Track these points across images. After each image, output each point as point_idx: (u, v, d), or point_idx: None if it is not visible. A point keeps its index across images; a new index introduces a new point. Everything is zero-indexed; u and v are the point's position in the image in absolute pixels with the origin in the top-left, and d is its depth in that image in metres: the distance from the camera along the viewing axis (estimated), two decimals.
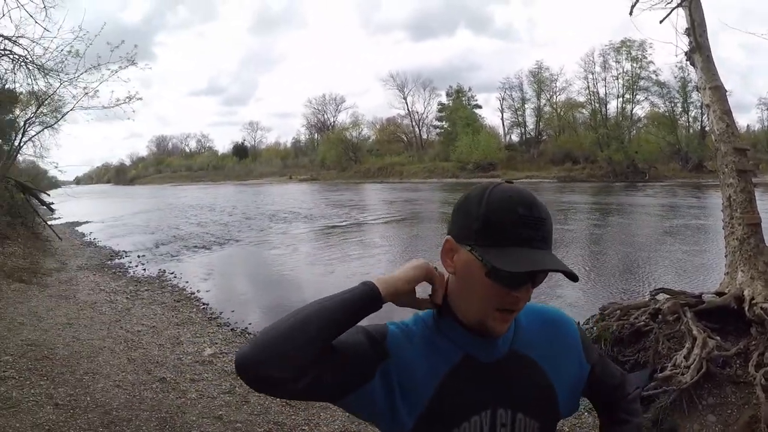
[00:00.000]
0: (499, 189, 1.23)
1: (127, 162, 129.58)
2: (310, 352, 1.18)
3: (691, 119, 63.86)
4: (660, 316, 6.54)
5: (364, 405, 1.27)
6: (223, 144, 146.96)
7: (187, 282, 13.24)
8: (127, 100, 16.76)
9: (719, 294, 6.67)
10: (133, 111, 17.16)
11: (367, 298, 1.25)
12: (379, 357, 1.27)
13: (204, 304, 11.01)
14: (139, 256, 17.16)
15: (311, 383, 1.18)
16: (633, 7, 8.13)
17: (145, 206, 42.18)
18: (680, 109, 64.27)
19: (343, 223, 24.92)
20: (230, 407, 5.78)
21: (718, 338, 5.98)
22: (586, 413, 5.54)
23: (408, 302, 1.31)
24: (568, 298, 10.32)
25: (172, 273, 14.40)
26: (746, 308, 6.15)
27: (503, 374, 1.30)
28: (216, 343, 8.10)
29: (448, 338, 1.31)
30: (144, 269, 15.02)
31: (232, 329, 9.07)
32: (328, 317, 1.21)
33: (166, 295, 11.62)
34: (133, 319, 9.17)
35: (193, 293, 11.98)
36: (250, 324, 9.42)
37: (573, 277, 1.19)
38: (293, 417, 5.60)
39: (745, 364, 5.63)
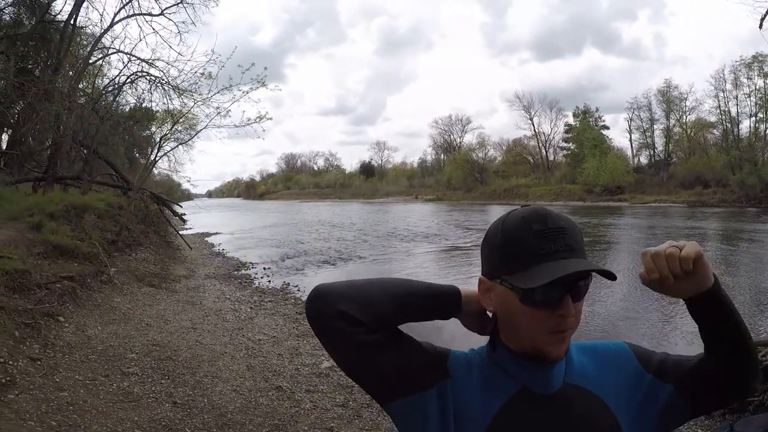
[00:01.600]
0: (513, 213, 1.22)
1: (257, 178, 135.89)
2: (389, 310, 1.20)
3: None
4: None
5: (414, 417, 1.22)
6: (350, 163, 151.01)
7: None
8: (258, 119, 17.36)
9: None
10: (263, 130, 17.77)
11: (449, 297, 1.27)
12: (441, 373, 1.24)
13: None
14: (264, 269, 17.62)
15: (382, 347, 1.19)
16: (762, 19, 7.69)
17: (273, 221, 43.67)
18: None
19: (467, 245, 24.64)
20: (342, 420, 5.79)
21: None
22: None
23: (474, 322, 1.32)
24: (690, 336, 9.64)
25: (295, 286, 14.65)
26: None
27: (561, 408, 1.21)
28: None
29: (503, 369, 1.25)
30: (269, 281, 15.39)
31: None
32: (409, 292, 1.24)
33: (289, 306, 11.81)
34: (255, 328, 9.40)
35: None
36: None
37: (610, 276, 1.12)
38: None
39: None
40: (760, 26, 7.81)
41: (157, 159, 19.31)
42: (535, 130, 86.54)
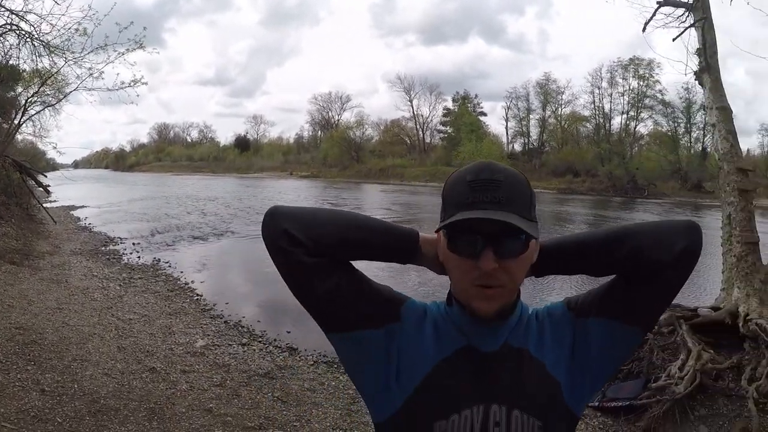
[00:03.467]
0: (459, 169, 1.26)
1: (128, 148, 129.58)
2: (333, 237, 1.23)
3: (692, 140, 65.77)
4: (656, 328, 6.55)
5: (357, 352, 1.28)
6: (225, 136, 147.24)
7: (181, 272, 13.18)
8: (132, 83, 16.51)
9: (714, 309, 6.80)
10: (137, 95, 16.84)
11: (407, 240, 1.30)
12: (391, 317, 1.28)
13: (198, 295, 10.96)
14: (134, 244, 17.10)
15: (320, 272, 1.23)
16: (646, 23, 8.26)
17: (143, 194, 42.02)
18: (683, 130, 66.19)
19: None
20: (221, 400, 5.74)
21: (712, 351, 6.11)
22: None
23: (433, 263, 1.32)
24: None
25: (166, 262, 14.35)
26: (740, 324, 6.30)
27: (499, 367, 1.23)
28: (208, 335, 8.09)
29: (454, 324, 1.28)
30: (138, 257, 14.97)
31: (225, 322, 9.04)
32: (365, 227, 1.28)
33: (160, 284, 11.58)
34: (125, 307, 9.13)
35: (187, 284, 11.92)
36: (243, 317, 9.41)
37: (522, 232, 1.13)
38: (284, 413, 5.59)
39: (738, 377, 5.77)
40: (644, 30, 8.32)
41: (21, 123, 18.08)
42: (414, 112, 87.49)
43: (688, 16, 7.91)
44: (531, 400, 1.21)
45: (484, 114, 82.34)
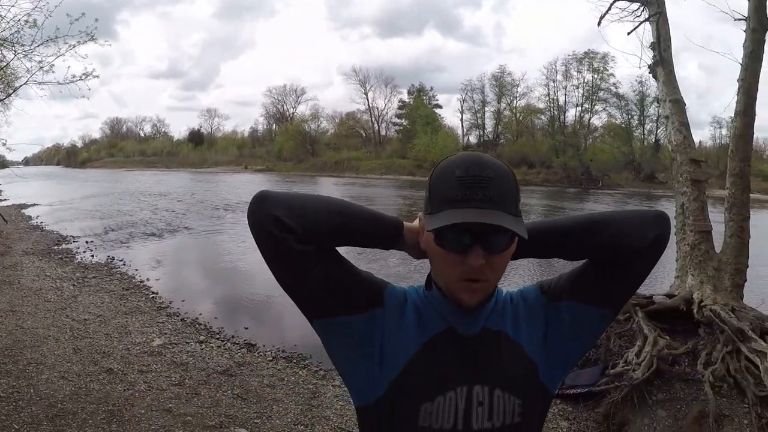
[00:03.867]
0: (450, 156, 1.25)
1: (79, 144, 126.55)
2: (324, 225, 1.22)
3: (646, 132, 67.83)
4: None
5: (342, 336, 1.28)
6: (179, 130, 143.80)
7: (136, 270, 12.94)
8: (84, 76, 16.06)
9: (669, 296, 7.01)
10: (89, 89, 16.36)
11: (392, 228, 1.32)
12: (375, 302, 1.29)
13: (153, 293, 10.76)
14: (87, 242, 16.73)
15: (310, 259, 1.22)
16: (602, 17, 8.41)
17: (96, 190, 41.08)
18: (636, 122, 68.16)
19: None
20: (180, 400, 5.67)
21: (668, 338, 6.28)
22: (563, 421, 5.66)
23: (415, 251, 1.34)
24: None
25: (121, 260, 14.05)
26: (695, 310, 6.50)
27: (480, 350, 1.27)
28: (165, 334, 7.96)
29: (434, 308, 1.29)
30: (92, 256, 14.66)
31: (182, 319, 8.90)
32: (356, 215, 1.27)
33: (115, 282, 11.33)
34: (79, 308, 8.94)
35: (143, 282, 11.70)
36: (200, 314, 9.28)
37: (521, 237, 1.16)
38: (245, 410, 5.54)
39: (694, 362, 5.94)
40: (599, 24, 8.47)
41: None
42: (369, 105, 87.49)
43: (643, 10, 8.12)
44: (511, 380, 1.26)
45: (439, 106, 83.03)
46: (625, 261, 1.28)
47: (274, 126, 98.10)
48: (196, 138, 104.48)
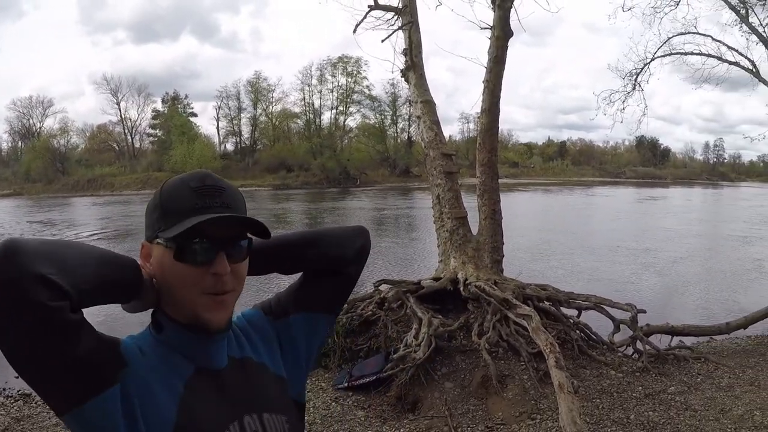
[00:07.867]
0: (174, 177, 1.23)
1: None
2: (91, 282, 1.02)
3: (399, 130, 73.18)
4: (386, 305, 7.24)
5: (104, 418, 1.03)
6: None
7: None
8: None
9: (436, 279, 7.59)
10: None
11: (132, 268, 1.15)
12: (119, 363, 1.08)
13: None
14: None
15: (81, 328, 1.00)
16: (357, 25, 8.93)
17: None
18: (389, 121, 73.21)
19: None
20: None
21: (441, 317, 6.87)
22: (333, 403, 5.91)
23: (149, 300, 1.21)
24: None
25: None
26: (462, 288, 7.17)
27: (235, 381, 1.26)
28: None
29: (173, 349, 1.20)
30: None
31: None
32: (112, 261, 1.11)
33: None
34: None
35: None
36: None
37: (263, 230, 1.23)
38: None
39: (468, 334, 6.61)
40: (354, 31, 8.89)
41: None
42: (121, 116, 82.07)
43: (396, 19, 8.74)
44: (273, 401, 1.31)
45: (195, 115, 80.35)
46: (340, 269, 1.48)
47: (20, 143, 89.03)
48: None
